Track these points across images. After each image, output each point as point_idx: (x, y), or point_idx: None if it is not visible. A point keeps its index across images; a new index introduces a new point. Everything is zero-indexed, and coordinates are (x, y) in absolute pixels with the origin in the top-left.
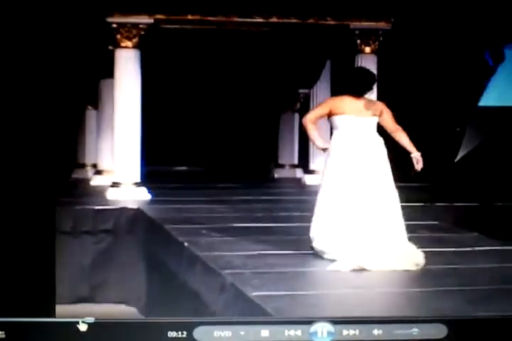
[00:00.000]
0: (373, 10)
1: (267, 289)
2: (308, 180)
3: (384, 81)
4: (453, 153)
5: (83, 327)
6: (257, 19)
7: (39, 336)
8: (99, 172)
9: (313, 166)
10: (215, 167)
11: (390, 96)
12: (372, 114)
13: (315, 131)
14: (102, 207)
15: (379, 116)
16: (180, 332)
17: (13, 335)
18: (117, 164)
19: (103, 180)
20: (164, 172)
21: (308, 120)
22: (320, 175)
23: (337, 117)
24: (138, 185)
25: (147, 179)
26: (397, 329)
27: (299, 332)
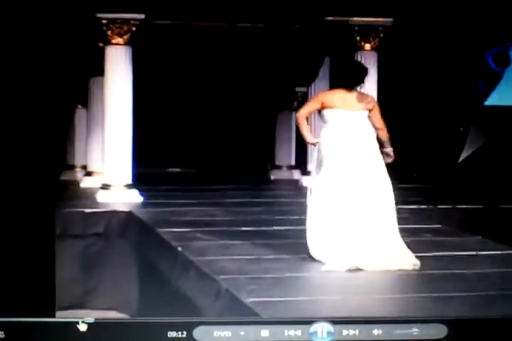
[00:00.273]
0: (373, 5)
1: (263, 295)
2: (306, 181)
3: (384, 79)
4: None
5: (83, 327)
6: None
7: (39, 336)
8: (89, 173)
9: (311, 167)
10: (209, 168)
11: (391, 95)
12: (363, 108)
13: (307, 126)
14: (92, 210)
15: (370, 110)
16: (180, 332)
17: (12, 335)
18: (108, 165)
19: (93, 181)
20: (156, 174)
21: (302, 115)
22: (311, 170)
23: (327, 111)
24: (129, 187)
25: (139, 181)
26: (397, 330)
27: (298, 332)
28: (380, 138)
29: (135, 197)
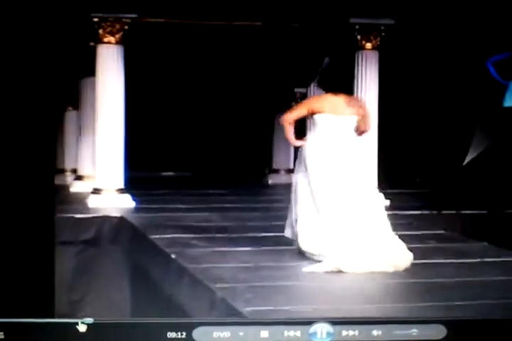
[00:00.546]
0: (375, 3)
1: (260, 304)
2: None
3: (386, 79)
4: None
5: (82, 328)
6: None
7: (38, 337)
8: (80, 177)
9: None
10: (205, 172)
11: (392, 96)
12: (352, 113)
13: (291, 130)
14: (82, 215)
15: (359, 115)
16: (179, 333)
17: (12, 336)
18: (99, 169)
19: (84, 186)
20: (150, 178)
21: (287, 121)
22: (296, 170)
23: (316, 116)
24: (121, 191)
25: (131, 185)
26: (397, 330)
27: (298, 333)
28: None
29: (127, 202)
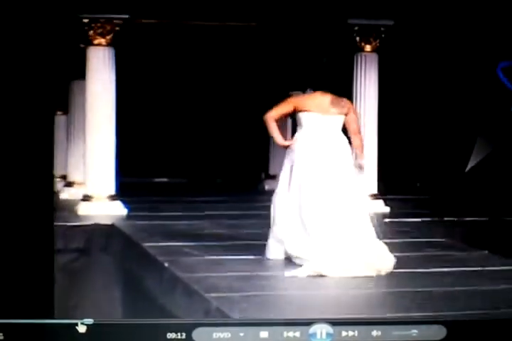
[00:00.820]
0: (374, 4)
1: (255, 314)
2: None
3: (385, 82)
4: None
5: (82, 329)
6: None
7: (38, 337)
8: (69, 184)
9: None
10: (199, 178)
11: (392, 98)
12: (338, 112)
13: (276, 128)
14: (72, 223)
15: (345, 114)
16: (179, 334)
17: (12, 337)
18: (89, 175)
19: (73, 193)
20: (142, 185)
21: (270, 117)
22: (282, 171)
23: (301, 114)
24: (112, 198)
25: (123, 192)
26: (396, 331)
27: (297, 334)
28: (355, 146)
29: (119, 209)
